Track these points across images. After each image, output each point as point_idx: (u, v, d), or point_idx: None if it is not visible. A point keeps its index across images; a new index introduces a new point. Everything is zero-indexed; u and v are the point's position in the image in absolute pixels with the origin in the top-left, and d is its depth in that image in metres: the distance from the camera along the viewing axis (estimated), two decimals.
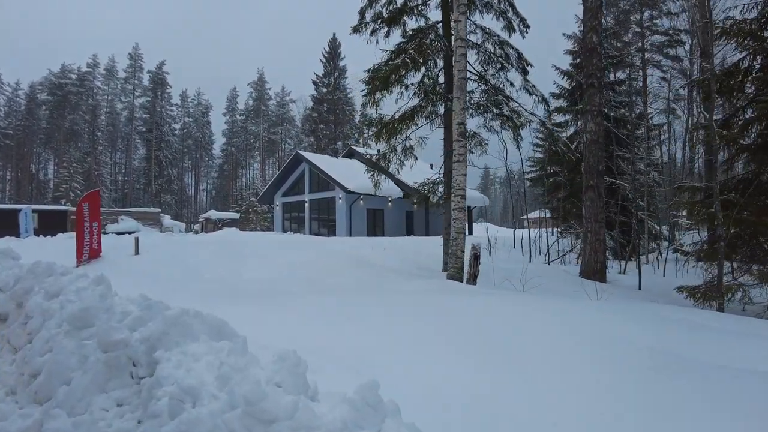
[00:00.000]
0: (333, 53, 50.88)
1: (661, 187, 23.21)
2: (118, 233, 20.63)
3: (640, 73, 25.73)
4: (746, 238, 8.55)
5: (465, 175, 7.83)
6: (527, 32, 11.13)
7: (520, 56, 10.74)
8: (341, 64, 51.50)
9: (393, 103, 11.43)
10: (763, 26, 8.16)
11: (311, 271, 8.80)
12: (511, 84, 10.91)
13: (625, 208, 17.51)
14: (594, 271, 10.67)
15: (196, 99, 63.99)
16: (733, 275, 8.28)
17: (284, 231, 28.60)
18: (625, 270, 13.53)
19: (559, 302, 4.87)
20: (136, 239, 10.90)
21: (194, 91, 64.88)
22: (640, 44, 28.13)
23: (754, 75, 8.34)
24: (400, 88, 10.68)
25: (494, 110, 10.33)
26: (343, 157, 31.70)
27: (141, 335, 2.59)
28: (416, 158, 11.62)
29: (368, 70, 10.87)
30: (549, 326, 3.67)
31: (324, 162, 27.29)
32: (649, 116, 24.87)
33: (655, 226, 20.35)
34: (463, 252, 7.76)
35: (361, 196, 25.25)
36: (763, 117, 7.80)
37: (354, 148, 32.33)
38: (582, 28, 22.49)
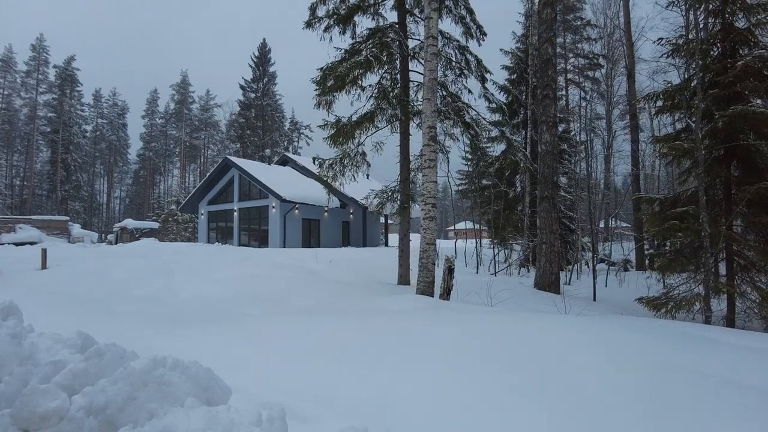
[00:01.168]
0: (263, 58, 49.21)
1: (583, 201, 24.32)
2: (17, 244, 18.01)
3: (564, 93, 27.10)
4: (695, 247, 8.73)
5: (435, 182, 7.29)
6: (483, 40, 10.94)
7: (479, 63, 10.49)
8: (271, 69, 49.94)
9: (344, 106, 10.74)
10: (712, 43, 8.40)
11: (263, 288, 7.79)
12: (470, 91, 10.64)
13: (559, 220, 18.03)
14: (549, 283, 10.56)
15: (111, 99, 59.06)
16: (714, 282, 8.36)
17: (209, 242, 26.67)
18: (569, 281, 13.67)
19: (580, 321, 4.39)
20: (44, 251, 9.24)
21: (109, 90, 59.96)
22: (563, 65, 29.71)
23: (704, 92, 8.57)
24: (356, 89, 10.01)
25: (455, 117, 9.96)
26: (276, 164, 30.33)
27: (89, 402, 1.67)
28: (369, 165, 10.96)
29: (321, 69, 10.10)
30: (598, 355, 3.13)
31: (256, 169, 25.85)
32: (572, 133, 26.19)
33: (581, 238, 21.21)
34: (434, 265, 7.19)
35: (297, 206, 24.14)
36: (715, 133, 7.99)
37: (288, 155, 31.14)
38: (518, 44, 23.27)
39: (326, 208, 26.13)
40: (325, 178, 10.55)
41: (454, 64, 10.37)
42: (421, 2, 11.03)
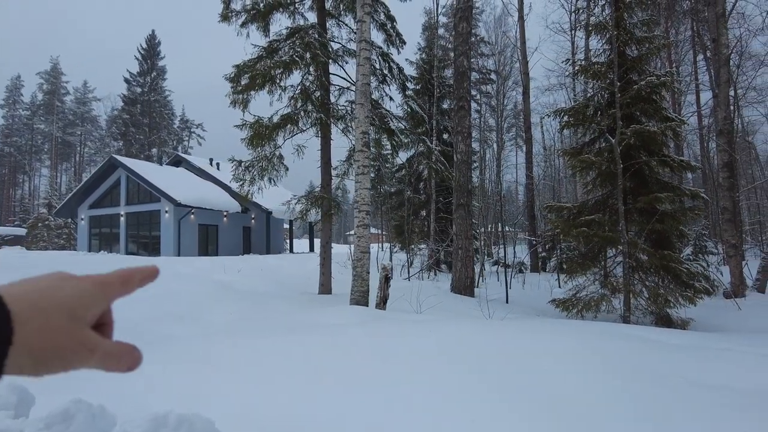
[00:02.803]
0: (151, 51, 45.51)
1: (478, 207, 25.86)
2: None
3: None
4: (595, 251, 9.63)
5: (369, 188, 7.18)
6: (403, 48, 11.11)
7: (401, 71, 10.62)
8: (161, 63, 46.35)
9: (262, 105, 10.23)
10: (608, 67, 9.31)
11: (174, 304, 7.04)
12: (391, 99, 10.72)
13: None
14: (465, 286, 10.96)
15: None
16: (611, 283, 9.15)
17: (91, 250, 23.90)
18: (478, 284, 14.34)
19: (544, 326, 4.53)
20: None
21: None
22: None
23: (602, 109, 9.49)
24: (276, 89, 9.58)
25: (379, 124, 9.95)
26: (168, 164, 28.09)
27: None
28: (287, 168, 10.53)
29: (236, 66, 9.52)
30: (584, 363, 3.22)
31: (147, 169, 23.70)
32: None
33: (482, 242, 22.53)
34: (369, 273, 7.07)
35: (193, 210, 22.56)
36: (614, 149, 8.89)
37: (182, 155, 29.00)
38: (421, 55, 24.04)
39: (225, 213, 24.78)
40: (240, 183, 9.90)
41: (377, 70, 10.38)
42: (340, 6, 10.94)
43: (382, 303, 6.61)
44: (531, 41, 55.91)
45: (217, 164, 29.54)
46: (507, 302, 10.59)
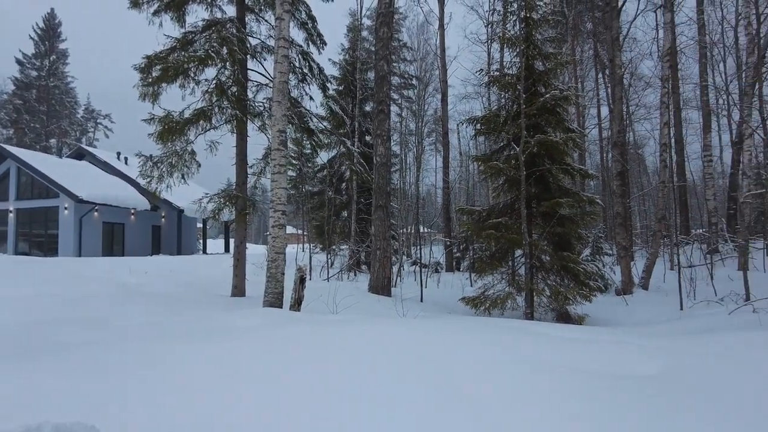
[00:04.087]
0: (50, 31, 41.53)
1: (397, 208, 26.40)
2: None
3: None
4: (503, 252, 10.20)
5: (286, 188, 7.07)
6: (324, 48, 11.06)
7: (321, 71, 10.56)
8: (62, 46, 42.44)
9: (173, 98, 9.73)
10: (518, 79, 9.89)
11: (74, 308, 6.49)
12: (311, 98, 10.63)
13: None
14: (382, 286, 11.14)
15: None
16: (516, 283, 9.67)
17: None
18: (395, 283, 14.60)
19: (453, 325, 4.68)
20: None
21: None
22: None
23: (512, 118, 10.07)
24: (189, 82, 9.15)
25: (298, 123, 9.82)
26: (69, 157, 25.81)
27: None
28: (199, 165, 10.08)
29: (147, 57, 8.97)
30: (485, 355, 3.39)
31: (43, 162, 21.62)
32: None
33: (401, 243, 23.03)
34: (284, 275, 6.96)
35: (97, 207, 20.93)
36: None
37: (86, 148, 26.79)
38: (345, 56, 24.05)
39: (133, 211, 23.24)
40: (147, 179, 9.33)
41: (297, 68, 10.25)
42: (261, 1, 10.68)
43: (297, 304, 6.54)
44: (451, 50, 57.87)
45: (125, 158, 27.63)
46: (422, 301, 10.90)
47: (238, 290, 9.64)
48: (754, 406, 2.74)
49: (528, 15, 9.48)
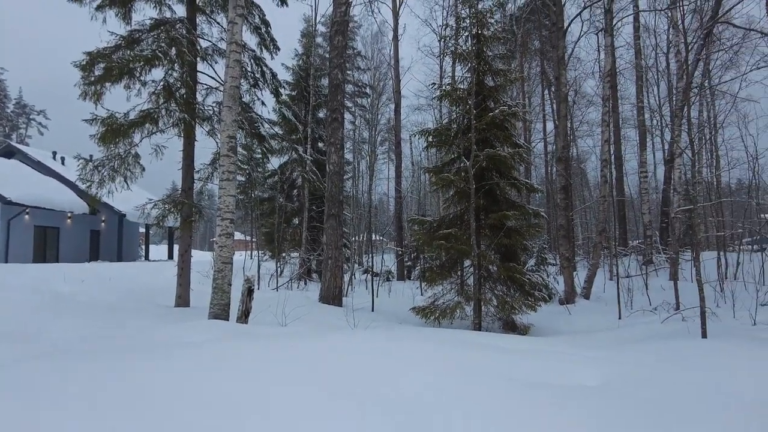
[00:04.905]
0: None
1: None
2: None
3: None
4: (452, 262, 10.37)
5: (234, 196, 6.88)
6: (277, 54, 10.93)
7: (274, 76, 10.40)
8: None
9: (117, 99, 9.30)
10: (468, 94, 10.13)
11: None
12: (263, 104, 10.44)
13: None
14: (333, 296, 11.04)
15: None
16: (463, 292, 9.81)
17: None
18: (346, 292, 14.51)
19: (401, 342, 4.67)
20: None
21: None
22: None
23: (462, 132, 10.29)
24: (135, 83, 8.76)
25: (248, 128, 9.61)
26: None
27: None
28: (143, 169, 9.66)
29: (88, 53, 8.52)
30: (429, 366, 3.40)
31: None
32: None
33: (353, 251, 22.97)
34: (231, 285, 6.75)
35: (28, 209, 19.61)
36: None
37: (16, 145, 25.08)
38: (298, 62, 23.81)
39: (70, 214, 21.95)
40: (87, 184, 8.83)
41: (249, 73, 10.05)
42: (212, 2, 10.42)
43: (244, 316, 6.36)
44: (404, 60, 58.65)
45: (62, 158, 26.11)
46: (373, 311, 10.88)
47: (182, 300, 9.27)
48: (689, 412, 2.91)
49: (480, 32, 9.76)
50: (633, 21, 20.01)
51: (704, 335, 6.33)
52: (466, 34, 10.10)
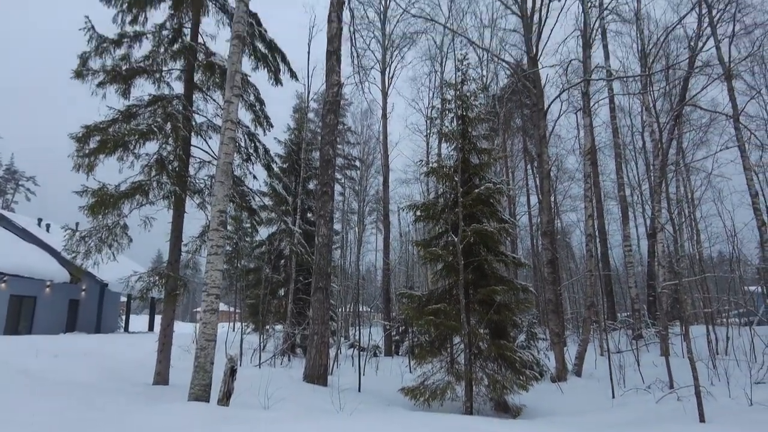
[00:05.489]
0: None
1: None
2: None
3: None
4: (442, 338, 10.16)
5: (222, 270, 6.80)
6: (270, 130, 11.27)
7: (266, 152, 10.67)
8: None
9: (109, 170, 9.40)
10: (455, 171, 10.43)
11: None
12: (255, 177, 10.62)
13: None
14: (318, 375, 10.64)
15: None
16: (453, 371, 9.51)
17: None
18: (332, 370, 14.01)
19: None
20: None
21: None
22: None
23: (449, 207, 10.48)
24: (128, 155, 8.91)
25: (239, 201, 9.69)
26: None
27: None
28: (131, 240, 9.57)
29: (86, 126, 8.72)
30: None
31: None
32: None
33: (340, 325, 22.45)
34: (213, 364, 6.49)
35: (5, 278, 19.12)
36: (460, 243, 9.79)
37: (0, 212, 24.86)
38: (291, 136, 24.53)
39: (49, 283, 21.40)
40: (73, 254, 8.69)
41: (242, 148, 10.30)
42: (209, 81, 10.87)
43: (225, 398, 6.06)
44: (392, 135, 60.77)
45: (47, 225, 25.87)
46: (359, 391, 10.46)
47: (162, 378, 8.85)
48: None
49: (464, 113, 10.24)
50: (609, 103, 21.24)
51: (702, 419, 6.17)
52: (452, 115, 10.58)
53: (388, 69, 22.08)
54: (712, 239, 18.91)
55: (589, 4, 15.04)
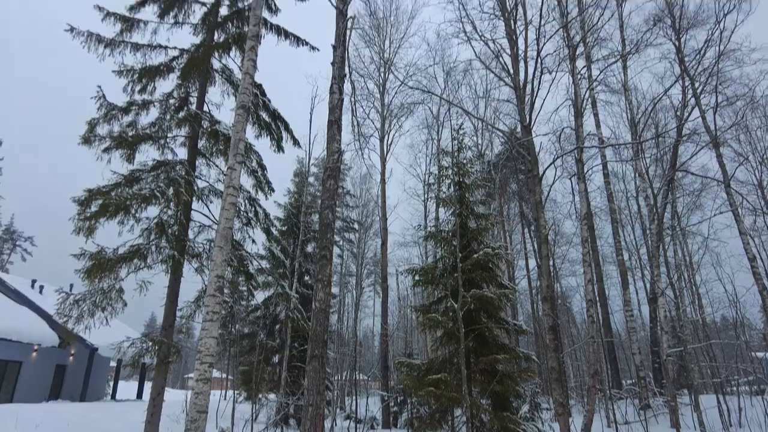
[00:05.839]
0: None
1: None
2: None
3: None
4: (443, 410, 9.76)
5: (217, 338, 6.65)
6: (271, 195, 11.44)
7: (266, 216, 10.77)
8: None
9: (108, 233, 9.43)
10: (453, 235, 10.50)
11: None
12: (253, 241, 10.64)
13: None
14: None
15: None
16: None
17: None
18: None
19: None
20: None
21: None
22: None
23: (448, 272, 10.44)
24: (128, 219, 8.98)
25: (237, 265, 9.66)
26: None
27: None
28: (125, 304, 9.43)
29: (88, 190, 8.86)
30: None
31: None
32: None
33: (335, 393, 21.61)
34: None
35: None
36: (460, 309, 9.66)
37: None
38: (290, 199, 24.83)
39: (36, 347, 20.80)
40: (64, 318, 8.53)
41: (242, 213, 10.41)
42: (213, 148, 11.17)
43: None
44: (391, 199, 61.68)
45: (41, 287, 25.53)
46: None
47: None
48: None
49: (461, 180, 10.46)
50: (602, 169, 21.74)
51: None
52: (449, 181, 10.80)
53: (386, 136, 22.77)
54: (715, 304, 18.70)
55: (579, 76, 15.79)
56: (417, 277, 10.50)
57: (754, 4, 15.25)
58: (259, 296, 20.18)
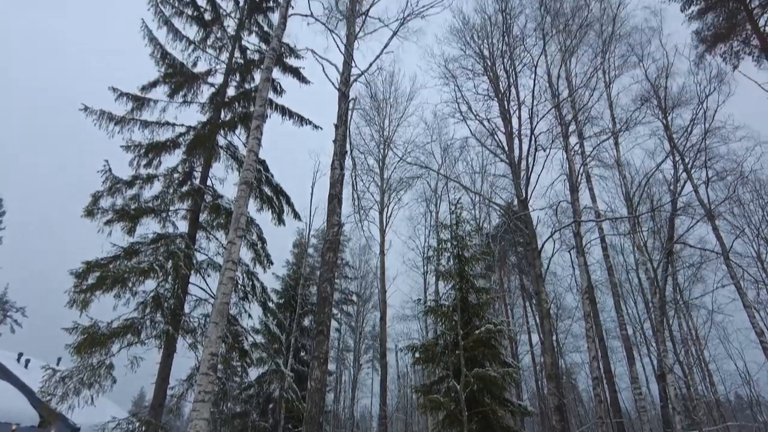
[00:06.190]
0: None
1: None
2: None
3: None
4: None
5: (207, 419, 6.33)
6: (270, 267, 11.39)
7: (264, 290, 10.65)
8: None
9: (103, 306, 9.26)
10: (453, 310, 10.35)
11: None
12: (249, 316, 10.45)
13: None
14: None
15: None
16: None
17: None
18: None
19: None
20: None
21: None
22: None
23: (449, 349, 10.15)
24: (125, 292, 8.86)
25: (232, 342, 9.40)
26: None
27: None
28: (115, 381, 9.07)
29: (86, 263, 8.82)
30: None
31: None
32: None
33: None
34: None
35: None
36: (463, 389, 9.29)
37: None
38: (289, 271, 24.67)
39: (15, 427, 19.71)
40: (48, 397, 8.15)
41: (240, 287, 10.31)
42: (214, 222, 11.27)
43: None
44: (390, 271, 61.40)
45: (27, 361, 24.65)
46: None
47: None
48: None
49: (461, 253, 10.47)
50: (600, 242, 21.81)
51: None
52: (448, 254, 10.81)
53: (386, 209, 23.07)
54: (727, 382, 18.05)
55: (572, 152, 16.30)
56: (417, 355, 10.20)
57: (734, 87, 16.09)
58: (253, 373, 19.45)
